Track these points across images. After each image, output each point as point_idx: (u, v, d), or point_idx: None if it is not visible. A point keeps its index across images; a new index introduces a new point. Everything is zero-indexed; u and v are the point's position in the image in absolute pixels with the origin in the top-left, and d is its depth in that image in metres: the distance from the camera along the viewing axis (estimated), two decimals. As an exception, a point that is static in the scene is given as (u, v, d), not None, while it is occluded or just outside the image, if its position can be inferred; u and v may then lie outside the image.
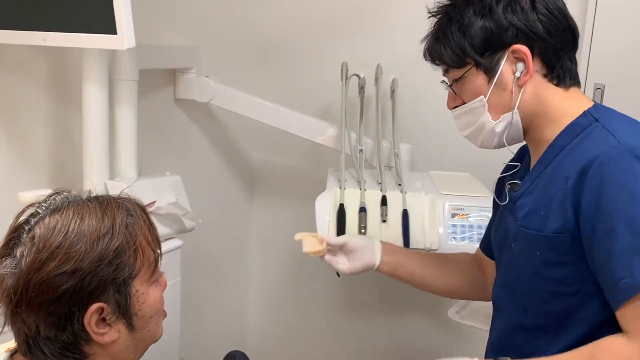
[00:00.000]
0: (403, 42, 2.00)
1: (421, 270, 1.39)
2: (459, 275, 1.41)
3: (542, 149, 1.11)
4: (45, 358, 0.88)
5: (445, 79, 1.18)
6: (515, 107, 1.08)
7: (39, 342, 0.86)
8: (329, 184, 1.80)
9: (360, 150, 1.87)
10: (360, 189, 1.72)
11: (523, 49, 1.05)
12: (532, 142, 1.14)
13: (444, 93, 1.21)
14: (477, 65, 1.09)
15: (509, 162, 1.26)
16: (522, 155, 1.24)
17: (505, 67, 1.07)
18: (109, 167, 1.58)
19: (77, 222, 0.87)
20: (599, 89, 1.76)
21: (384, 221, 1.64)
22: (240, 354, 1.49)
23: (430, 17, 1.15)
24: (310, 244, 1.30)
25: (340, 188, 1.72)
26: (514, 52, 1.06)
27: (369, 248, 1.37)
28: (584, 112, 1.06)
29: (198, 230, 1.79)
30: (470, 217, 1.65)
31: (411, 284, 1.41)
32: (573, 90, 1.10)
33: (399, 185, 1.77)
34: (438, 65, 1.16)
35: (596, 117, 1.05)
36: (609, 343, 0.97)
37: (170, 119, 2.04)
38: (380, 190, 1.72)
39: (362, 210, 1.65)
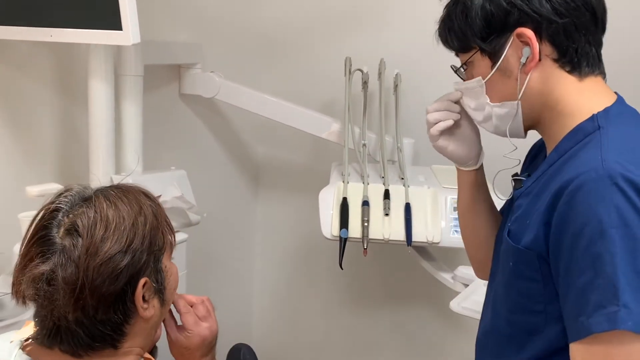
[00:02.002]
0: (406, 37, 2.01)
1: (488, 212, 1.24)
2: None
3: (550, 146, 1.01)
4: (84, 341, 0.91)
5: (456, 64, 1.12)
6: (519, 96, 0.99)
7: (90, 328, 0.90)
8: (332, 178, 1.81)
9: (364, 145, 1.88)
10: (363, 182, 1.74)
11: (527, 32, 0.95)
12: (544, 136, 1.05)
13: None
14: (481, 50, 1.01)
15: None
16: (537, 151, 1.15)
17: (509, 52, 0.98)
18: (115, 161, 1.60)
19: (113, 207, 0.92)
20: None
21: (387, 214, 1.66)
22: (245, 346, 1.51)
23: (441, 0, 1.09)
24: None
25: (343, 182, 1.73)
26: (519, 35, 0.96)
27: (475, 142, 1.18)
28: (592, 116, 0.95)
29: (203, 224, 1.81)
30: (472, 210, 1.65)
31: (475, 222, 1.25)
32: (590, 80, 0.98)
33: (402, 179, 1.78)
34: (450, 49, 1.09)
35: (601, 124, 0.93)
36: None
37: (176, 114, 2.06)
38: (383, 184, 1.73)
39: (365, 203, 1.67)
